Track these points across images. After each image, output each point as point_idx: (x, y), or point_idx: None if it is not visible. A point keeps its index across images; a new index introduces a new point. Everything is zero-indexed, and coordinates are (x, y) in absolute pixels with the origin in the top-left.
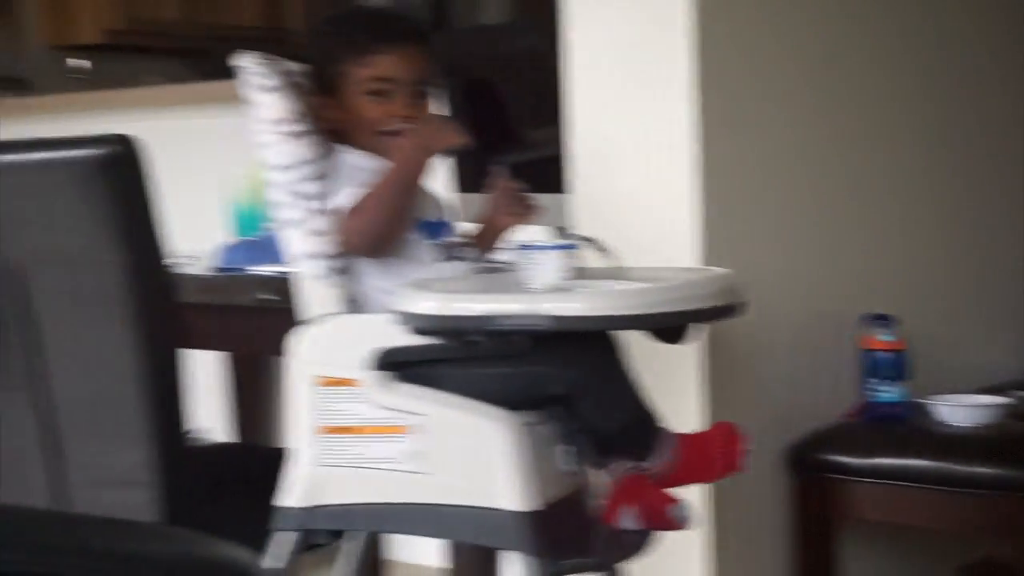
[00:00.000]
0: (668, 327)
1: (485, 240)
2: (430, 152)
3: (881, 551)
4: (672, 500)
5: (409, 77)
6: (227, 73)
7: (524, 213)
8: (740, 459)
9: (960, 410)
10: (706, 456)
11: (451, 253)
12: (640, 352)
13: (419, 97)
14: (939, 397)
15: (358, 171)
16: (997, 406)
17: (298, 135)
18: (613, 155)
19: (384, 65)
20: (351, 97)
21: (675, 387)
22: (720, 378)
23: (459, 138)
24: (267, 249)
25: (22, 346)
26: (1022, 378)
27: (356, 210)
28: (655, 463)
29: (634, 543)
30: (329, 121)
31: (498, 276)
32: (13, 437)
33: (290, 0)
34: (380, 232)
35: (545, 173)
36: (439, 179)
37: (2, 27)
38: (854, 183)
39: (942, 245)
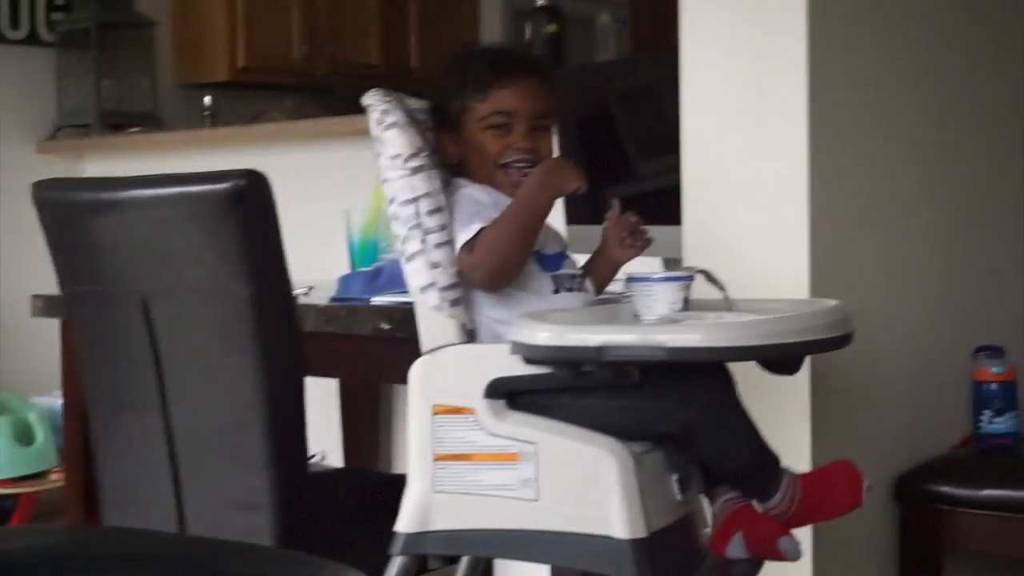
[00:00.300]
0: (779, 358)
1: (599, 272)
2: (556, 191)
3: None
4: (783, 531)
5: (528, 111)
6: (350, 109)
7: (638, 245)
8: (860, 496)
9: None
10: (827, 495)
11: (567, 285)
12: (747, 383)
13: (539, 131)
14: None
15: (478, 204)
16: None
17: (419, 169)
18: (725, 188)
19: (503, 99)
20: (472, 131)
21: (782, 419)
22: (827, 410)
23: (581, 182)
24: (383, 279)
25: (153, 373)
26: None
27: (481, 244)
28: (777, 504)
29: (742, 572)
30: (450, 156)
31: (611, 307)
32: (145, 460)
33: (412, 38)
34: (503, 267)
35: (658, 205)
36: (554, 211)
37: (139, 66)
38: (963, 216)
39: None
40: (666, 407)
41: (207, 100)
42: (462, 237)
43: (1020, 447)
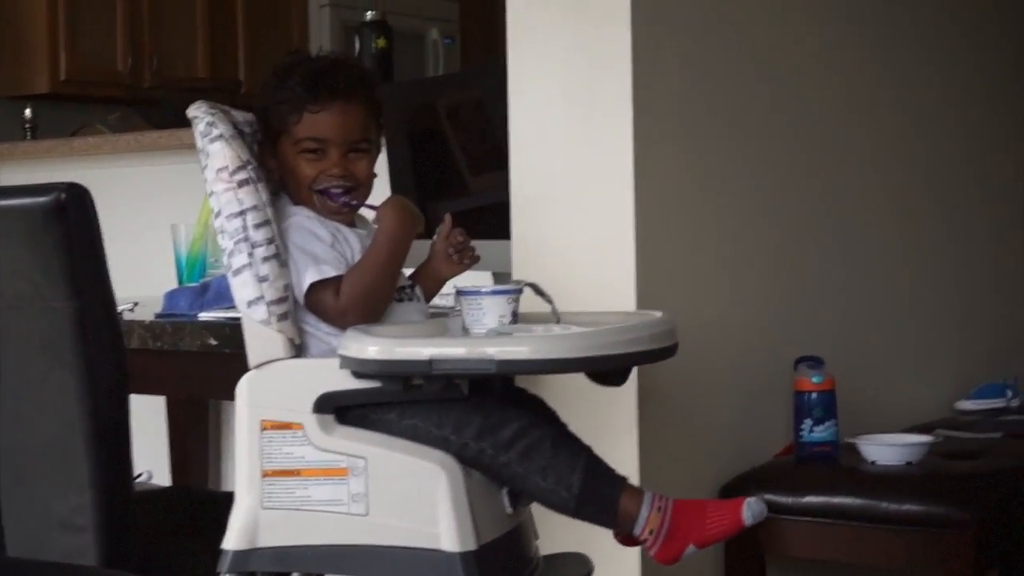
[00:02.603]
0: (607, 370)
1: (426, 286)
2: (414, 231)
3: None
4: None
5: (342, 138)
6: (176, 122)
7: (464, 262)
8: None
9: (887, 449)
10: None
11: (398, 295)
12: (575, 395)
13: (357, 153)
14: (868, 437)
15: (316, 240)
16: (923, 444)
17: (245, 183)
18: (552, 201)
19: (316, 125)
20: (287, 153)
21: (610, 430)
22: (654, 421)
23: (421, 224)
24: (211, 295)
25: None
26: (949, 416)
27: (350, 291)
28: (646, 521)
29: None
30: (271, 171)
31: (441, 321)
32: None
33: (240, 51)
34: (375, 311)
35: (489, 220)
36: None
37: None
38: (784, 229)
39: (871, 286)
40: (492, 422)
41: (28, 112)
42: (310, 276)
43: (839, 455)
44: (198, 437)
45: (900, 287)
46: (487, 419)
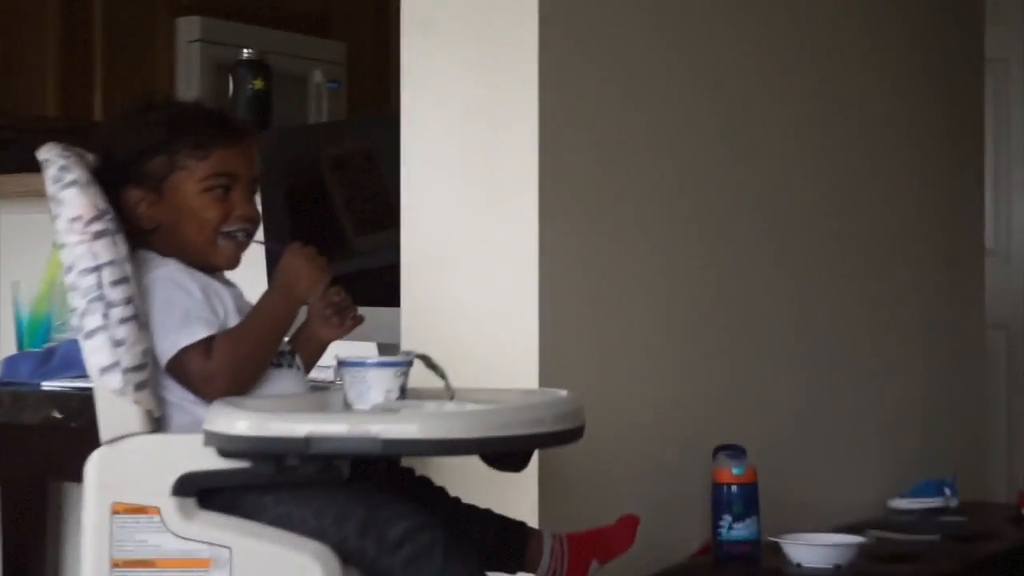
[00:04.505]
0: (506, 453)
1: (304, 351)
2: (302, 297)
3: None
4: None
5: (250, 174)
6: (23, 166)
7: (346, 324)
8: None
9: (813, 550)
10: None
11: (277, 360)
12: (469, 481)
13: (253, 196)
14: (792, 536)
15: (185, 295)
16: (853, 545)
17: (102, 234)
18: (448, 265)
19: (228, 160)
20: (185, 194)
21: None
22: (557, 511)
23: (324, 277)
24: (57, 361)
25: None
26: (880, 516)
27: (221, 356)
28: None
29: None
30: (144, 219)
31: (320, 395)
32: None
33: (97, 90)
34: (248, 380)
35: (375, 284)
36: (250, 283)
37: None
38: (705, 301)
39: (797, 374)
40: (350, 528)
41: None
42: (180, 339)
43: (760, 555)
44: (37, 522)
45: (830, 375)
46: (374, 512)
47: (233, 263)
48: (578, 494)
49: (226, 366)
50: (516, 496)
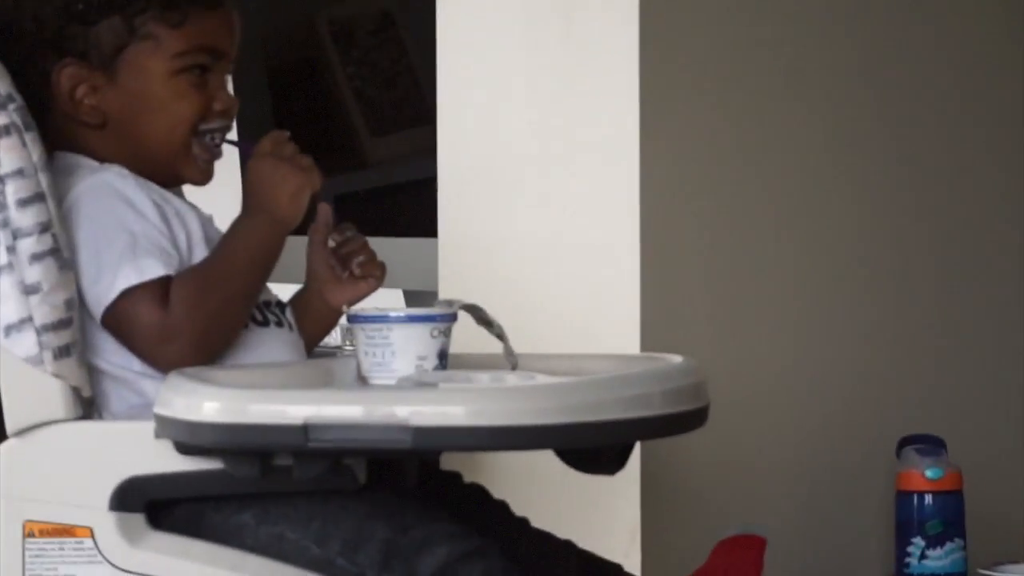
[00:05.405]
0: (592, 447)
1: (307, 322)
2: (293, 219)
3: None
4: None
5: (232, 51)
6: None
7: (371, 281)
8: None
9: None
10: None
11: (263, 313)
12: (535, 487)
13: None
14: (1011, 567)
15: (136, 215)
16: None
17: (5, 132)
18: (506, 182)
19: (209, 31)
20: (152, 76)
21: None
22: (662, 531)
23: (315, 182)
24: None
25: None
26: None
27: (182, 303)
28: None
29: None
30: (90, 111)
31: (323, 364)
32: None
33: None
34: (221, 338)
35: (399, 207)
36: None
37: None
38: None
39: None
40: (366, 557)
41: None
42: (122, 277)
43: None
44: None
45: None
46: (400, 535)
47: (208, 176)
48: (696, 507)
49: (189, 320)
50: (609, 513)
